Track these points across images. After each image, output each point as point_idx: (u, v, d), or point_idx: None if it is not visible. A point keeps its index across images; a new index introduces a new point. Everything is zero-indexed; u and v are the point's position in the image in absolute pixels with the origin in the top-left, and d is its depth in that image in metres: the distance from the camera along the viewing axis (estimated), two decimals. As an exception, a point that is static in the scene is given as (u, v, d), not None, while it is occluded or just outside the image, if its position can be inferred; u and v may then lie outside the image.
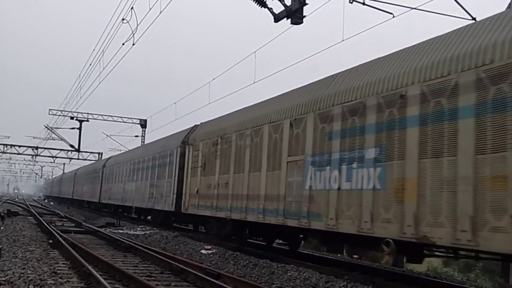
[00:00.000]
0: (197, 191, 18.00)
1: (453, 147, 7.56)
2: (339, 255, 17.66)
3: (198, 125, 20.47)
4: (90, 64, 27.30)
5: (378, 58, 10.34)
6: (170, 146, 22.49)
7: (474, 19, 13.20)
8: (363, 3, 13.16)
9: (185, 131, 21.50)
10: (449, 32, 8.74)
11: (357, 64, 11.11)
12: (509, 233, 6.66)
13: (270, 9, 12.07)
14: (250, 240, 16.17)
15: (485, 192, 7.01)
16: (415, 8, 13.37)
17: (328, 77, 11.92)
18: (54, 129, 49.25)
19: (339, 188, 10.05)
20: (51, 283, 8.49)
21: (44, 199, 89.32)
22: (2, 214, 24.71)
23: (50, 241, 14.89)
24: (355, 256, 17.10)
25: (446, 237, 7.53)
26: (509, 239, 6.65)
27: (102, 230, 20.45)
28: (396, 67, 9.25)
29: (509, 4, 12.46)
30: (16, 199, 72.51)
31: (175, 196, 20.60)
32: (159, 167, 23.85)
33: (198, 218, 19.69)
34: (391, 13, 13.36)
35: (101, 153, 55.50)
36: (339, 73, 11.62)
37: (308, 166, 11.15)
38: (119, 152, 43.21)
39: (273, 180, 12.69)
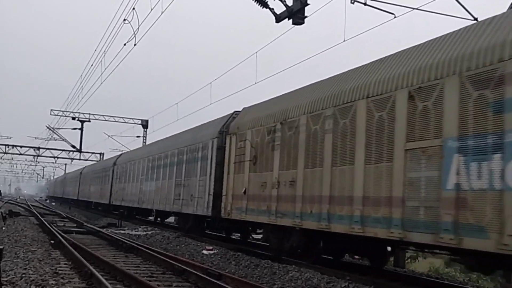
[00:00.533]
0: (244, 192, 14.56)
1: None
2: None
3: (238, 111, 17.03)
4: (92, 65, 27.26)
5: None
6: (202, 138, 18.89)
7: (475, 19, 13.18)
8: (365, 4, 13.15)
9: (221, 119, 18.12)
10: None
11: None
12: None
13: (271, 10, 12.08)
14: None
15: None
16: (416, 9, 13.35)
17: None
18: (56, 130, 49.32)
19: None
20: (52, 284, 8.49)
21: (46, 200, 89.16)
22: (4, 215, 24.72)
23: (52, 242, 14.90)
24: (357, 257, 17.07)
25: None
26: None
27: (104, 230, 20.46)
28: None
29: (511, 4, 12.43)
30: (18, 200, 72.61)
31: (211, 197, 17.14)
32: (187, 163, 20.13)
33: (244, 225, 16.58)
34: (392, 13, 13.35)
35: (103, 154, 55.62)
36: None
37: (452, 155, 7.90)
38: (120, 152, 43.11)
39: (378, 176, 9.41)
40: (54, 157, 56.05)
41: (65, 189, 67.29)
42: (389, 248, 11.94)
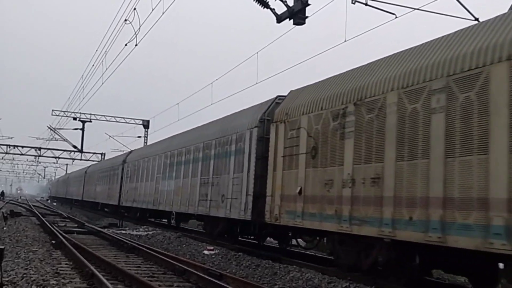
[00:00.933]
0: (299, 192, 11.94)
1: None
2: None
3: (282, 96, 14.46)
4: (93, 65, 27.29)
5: None
6: (236, 128, 16.19)
7: (477, 19, 13.17)
8: (366, 4, 13.15)
9: (262, 105, 15.48)
10: None
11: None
12: None
13: (272, 10, 12.08)
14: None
15: None
16: (417, 9, 13.35)
17: None
18: (57, 130, 49.39)
19: None
20: (53, 284, 8.50)
21: (47, 200, 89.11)
22: (5, 215, 24.74)
23: (53, 242, 14.91)
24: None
25: None
26: None
27: (105, 230, 20.47)
28: None
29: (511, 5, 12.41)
30: (19, 200, 72.65)
31: (250, 198, 14.53)
32: (217, 158, 17.45)
33: (296, 232, 14.11)
34: (393, 14, 13.35)
35: (104, 154, 55.65)
36: None
37: None
38: (121, 152, 43.08)
39: None
40: (56, 157, 56.18)
41: (68, 189, 65.25)
42: (501, 265, 8.52)
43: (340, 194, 10.53)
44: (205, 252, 14.56)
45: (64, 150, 53.62)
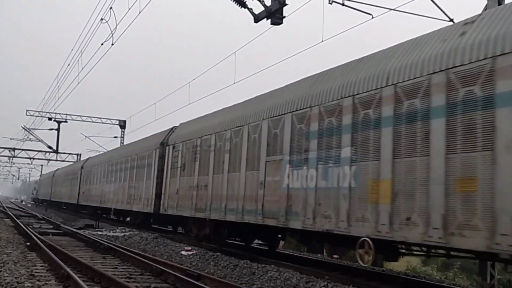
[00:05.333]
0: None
1: None
2: (319, 255, 17.71)
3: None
4: (69, 65, 27.02)
5: None
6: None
7: (451, 20, 13.36)
8: (343, 4, 13.24)
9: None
10: None
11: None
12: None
13: (250, 10, 12.09)
14: None
15: None
16: (393, 9, 13.48)
17: None
18: (32, 130, 48.71)
19: None
20: (28, 286, 8.36)
21: (22, 202, 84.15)
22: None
23: (28, 244, 14.68)
24: (335, 256, 17.17)
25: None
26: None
27: (81, 232, 20.24)
28: None
29: (485, 6, 12.62)
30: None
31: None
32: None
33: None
34: (370, 14, 13.46)
35: (80, 154, 55.05)
36: None
37: None
38: (97, 153, 42.69)
39: None
40: (30, 158, 55.34)
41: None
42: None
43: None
44: (183, 252, 14.49)
45: (39, 151, 52.89)
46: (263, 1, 11.70)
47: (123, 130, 47.03)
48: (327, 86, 10.76)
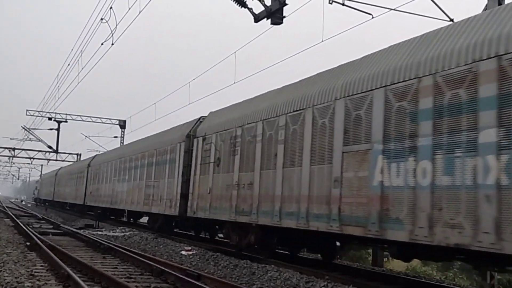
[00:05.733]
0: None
1: None
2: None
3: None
4: (69, 64, 27.02)
5: None
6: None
7: (451, 20, 13.35)
8: (343, 4, 13.23)
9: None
10: None
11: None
12: None
13: (250, 9, 12.09)
14: None
15: None
16: (393, 9, 13.47)
17: None
18: (32, 130, 48.69)
19: None
20: (28, 286, 8.36)
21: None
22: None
23: (28, 243, 14.68)
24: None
25: None
26: None
27: (81, 231, 20.24)
28: None
29: (486, 6, 12.61)
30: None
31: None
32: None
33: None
34: (370, 14, 13.45)
35: (80, 154, 55.01)
36: None
37: None
38: (96, 152, 42.58)
39: None
40: (30, 158, 55.32)
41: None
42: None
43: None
44: (183, 252, 14.48)
45: (39, 151, 52.85)
46: (263, 1, 11.70)
47: (123, 130, 47.01)
48: (449, 46, 8.00)
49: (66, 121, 46.78)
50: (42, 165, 76.95)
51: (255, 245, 13.44)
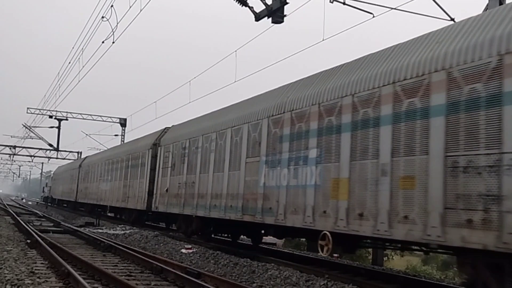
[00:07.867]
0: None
1: None
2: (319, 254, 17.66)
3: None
4: (69, 62, 27.07)
5: None
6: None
7: (452, 19, 13.36)
8: (344, 3, 13.23)
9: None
10: None
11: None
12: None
13: (251, 8, 12.09)
14: None
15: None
16: (394, 8, 13.48)
17: None
18: (33, 128, 48.74)
19: None
20: (28, 283, 8.37)
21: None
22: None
23: (28, 241, 14.69)
24: (335, 255, 17.15)
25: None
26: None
27: (81, 229, 20.26)
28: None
29: (487, 5, 12.62)
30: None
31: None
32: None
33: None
34: (371, 13, 13.46)
35: (80, 152, 55.04)
36: None
37: None
38: (97, 151, 42.66)
39: None
40: (31, 156, 55.39)
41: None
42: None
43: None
44: (183, 250, 14.51)
45: (40, 149, 52.88)
46: (264, 0, 11.71)
47: (123, 128, 47.04)
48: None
49: (66, 119, 46.84)
50: (42, 163, 77.22)
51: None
